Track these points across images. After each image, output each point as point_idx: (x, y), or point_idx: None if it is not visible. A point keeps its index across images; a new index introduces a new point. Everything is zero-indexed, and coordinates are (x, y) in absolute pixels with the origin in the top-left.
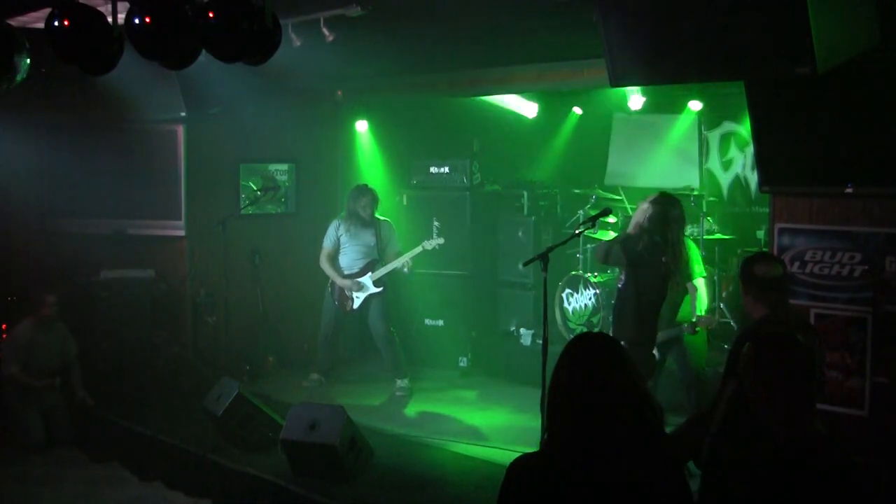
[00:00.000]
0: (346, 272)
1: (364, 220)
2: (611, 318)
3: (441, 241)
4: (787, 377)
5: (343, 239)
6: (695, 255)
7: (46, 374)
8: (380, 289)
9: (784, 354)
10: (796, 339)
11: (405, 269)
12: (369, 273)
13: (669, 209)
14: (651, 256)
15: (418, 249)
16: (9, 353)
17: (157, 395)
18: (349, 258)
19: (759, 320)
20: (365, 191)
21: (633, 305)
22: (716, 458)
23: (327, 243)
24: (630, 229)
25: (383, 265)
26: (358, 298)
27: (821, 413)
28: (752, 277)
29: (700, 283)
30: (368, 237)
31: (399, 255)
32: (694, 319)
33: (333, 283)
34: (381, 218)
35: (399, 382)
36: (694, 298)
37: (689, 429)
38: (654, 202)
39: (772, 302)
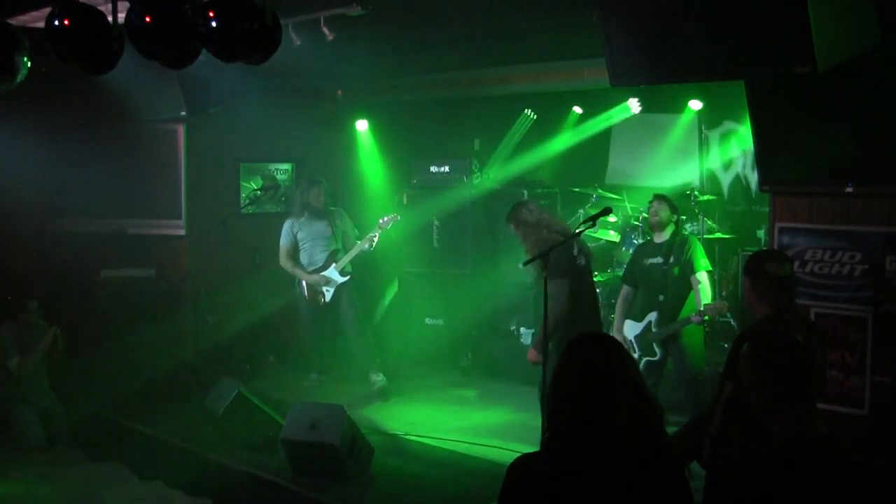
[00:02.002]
0: (310, 268)
1: (317, 211)
2: (612, 317)
3: (397, 217)
4: (785, 377)
5: (300, 235)
6: (698, 249)
7: (35, 375)
8: (346, 278)
9: (782, 354)
10: (795, 339)
11: (368, 247)
12: (333, 264)
13: (531, 207)
14: (569, 256)
15: (375, 231)
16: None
17: (157, 395)
18: (310, 254)
19: (761, 319)
20: (315, 181)
21: (568, 308)
22: (717, 458)
23: (284, 241)
24: (545, 245)
25: (345, 254)
26: (328, 291)
27: (821, 412)
28: (763, 275)
29: (703, 277)
30: (324, 228)
31: (358, 240)
32: (701, 308)
33: (301, 282)
34: (333, 208)
35: (373, 377)
36: (698, 291)
37: (691, 430)
38: (521, 213)
39: (778, 301)
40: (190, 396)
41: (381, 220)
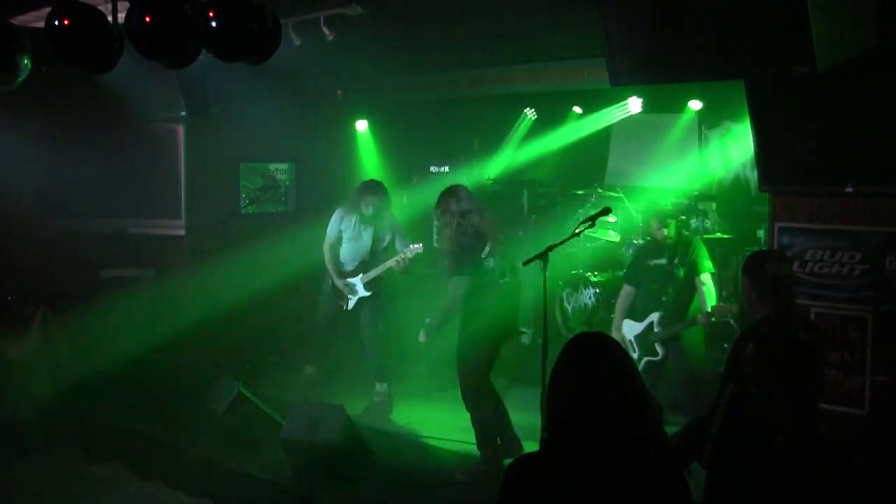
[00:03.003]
0: (343, 267)
1: (364, 217)
2: (612, 316)
3: (419, 248)
4: (790, 377)
5: (345, 234)
6: (703, 251)
7: (36, 372)
8: (370, 293)
9: (788, 354)
10: (800, 339)
11: (399, 269)
12: (361, 275)
13: (461, 195)
14: (476, 257)
15: (402, 255)
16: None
17: (158, 395)
18: (346, 255)
19: (762, 320)
20: (374, 188)
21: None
22: (718, 459)
23: (330, 233)
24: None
25: (375, 267)
26: (351, 300)
27: (821, 412)
28: (763, 275)
29: (707, 279)
30: (367, 237)
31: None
32: (708, 310)
33: (332, 279)
34: (389, 220)
35: (378, 387)
36: (702, 293)
37: (691, 430)
38: (449, 202)
39: (778, 301)
40: (190, 396)
41: (406, 250)
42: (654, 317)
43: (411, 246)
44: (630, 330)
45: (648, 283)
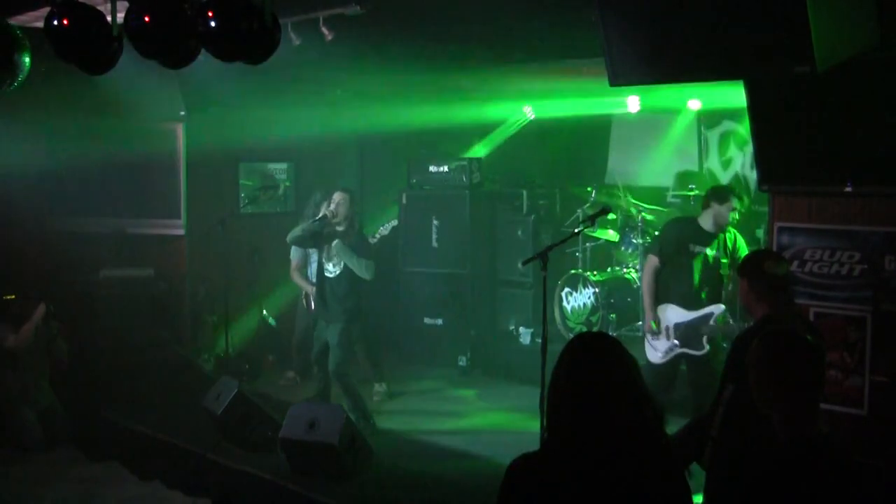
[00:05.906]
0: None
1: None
2: (612, 316)
3: (394, 222)
4: (795, 376)
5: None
6: (745, 246)
7: (36, 373)
8: None
9: (795, 353)
10: (807, 340)
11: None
12: None
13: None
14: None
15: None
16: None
17: (157, 395)
18: (314, 267)
19: (761, 320)
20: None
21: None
22: (718, 460)
23: (296, 256)
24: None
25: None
26: None
27: (821, 412)
28: (761, 275)
29: None
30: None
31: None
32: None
33: (307, 294)
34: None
35: (377, 387)
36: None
37: (691, 432)
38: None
39: (777, 301)
40: (190, 396)
41: (380, 229)
42: (717, 309)
43: (382, 227)
44: (675, 315)
45: (689, 270)
